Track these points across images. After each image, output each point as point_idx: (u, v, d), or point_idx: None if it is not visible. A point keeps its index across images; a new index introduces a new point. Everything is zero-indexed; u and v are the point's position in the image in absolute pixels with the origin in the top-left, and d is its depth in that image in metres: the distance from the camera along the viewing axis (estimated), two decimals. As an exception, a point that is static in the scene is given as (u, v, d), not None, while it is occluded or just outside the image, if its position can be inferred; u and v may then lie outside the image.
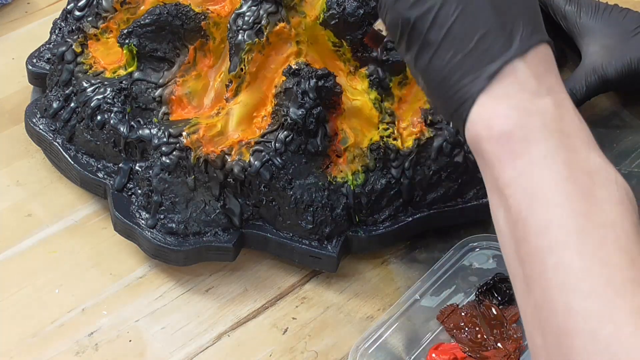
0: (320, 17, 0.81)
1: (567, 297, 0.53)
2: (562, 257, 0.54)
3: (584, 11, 0.91)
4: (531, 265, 0.55)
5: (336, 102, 0.78)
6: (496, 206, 0.58)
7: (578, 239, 0.54)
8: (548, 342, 0.54)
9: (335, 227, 0.77)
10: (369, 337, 0.72)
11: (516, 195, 0.56)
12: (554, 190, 0.55)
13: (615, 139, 0.89)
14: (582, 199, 0.55)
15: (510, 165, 0.57)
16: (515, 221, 0.56)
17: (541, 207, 0.55)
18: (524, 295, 0.56)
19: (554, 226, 0.55)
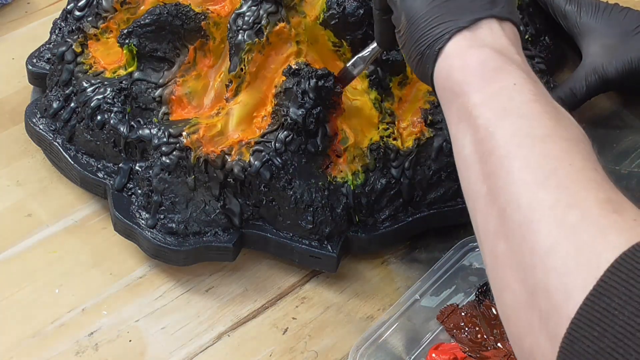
0: (320, 17, 0.81)
1: (534, 192, 0.54)
2: (529, 159, 0.55)
3: (584, 11, 0.91)
4: (496, 174, 0.56)
5: (336, 102, 0.78)
6: (462, 134, 0.60)
7: (545, 144, 0.56)
8: (512, 242, 0.54)
9: (335, 227, 0.77)
10: (369, 337, 0.72)
11: (485, 114, 0.58)
12: (523, 108, 0.58)
13: (615, 139, 0.89)
14: (549, 118, 0.57)
15: (481, 89, 0.59)
16: (482, 138, 0.58)
17: (510, 120, 0.57)
18: (487, 210, 0.57)
19: (522, 134, 0.56)
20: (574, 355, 0.49)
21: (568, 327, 0.49)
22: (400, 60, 0.81)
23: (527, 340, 0.53)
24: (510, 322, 0.55)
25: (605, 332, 0.48)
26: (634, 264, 0.49)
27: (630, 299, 0.48)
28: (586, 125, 0.89)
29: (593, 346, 0.48)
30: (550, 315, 0.51)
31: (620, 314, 0.48)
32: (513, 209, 0.54)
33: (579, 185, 0.53)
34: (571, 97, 0.88)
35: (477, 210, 0.58)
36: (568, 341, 0.49)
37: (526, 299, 0.52)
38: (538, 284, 0.51)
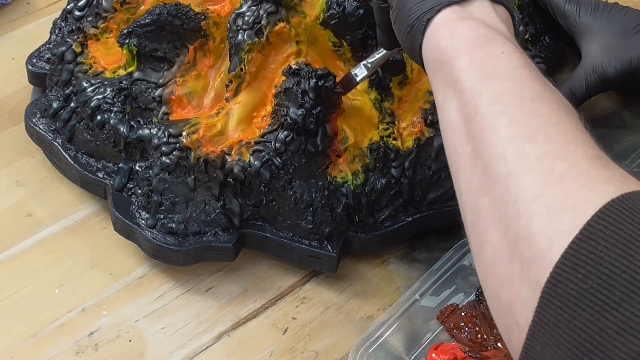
0: (320, 17, 0.81)
1: (520, 145, 0.53)
2: (516, 116, 0.55)
3: (584, 10, 0.91)
4: (482, 132, 0.56)
5: (336, 102, 0.78)
6: (448, 100, 0.60)
7: (533, 104, 0.55)
8: (496, 194, 0.53)
9: (335, 227, 0.77)
10: (369, 337, 0.72)
11: (472, 77, 0.58)
12: (511, 73, 0.58)
13: (615, 139, 0.89)
14: (537, 83, 0.57)
15: (469, 54, 0.59)
16: (467, 101, 0.58)
17: (497, 82, 0.57)
18: (471, 169, 0.56)
19: (508, 94, 0.56)
20: (556, 299, 0.48)
21: (552, 271, 0.48)
22: (400, 60, 0.81)
23: (505, 292, 0.52)
24: (489, 276, 0.54)
25: (589, 274, 0.47)
26: (623, 210, 0.48)
27: (617, 242, 0.47)
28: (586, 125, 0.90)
29: (576, 288, 0.47)
30: (532, 262, 0.50)
31: (607, 255, 0.47)
32: (498, 163, 0.54)
33: (568, 141, 0.53)
34: (571, 96, 0.88)
35: (461, 171, 0.58)
36: (551, 285, 0.48)
37: (507, 250, 0.52)
38: (521, 233, 0.51)
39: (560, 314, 0.48)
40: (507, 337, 0.53)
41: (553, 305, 0.48)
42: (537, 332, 0.49)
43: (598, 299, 0.47)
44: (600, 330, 0.47)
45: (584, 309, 0.47)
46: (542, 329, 0.49)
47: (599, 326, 0.47)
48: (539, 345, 0.49)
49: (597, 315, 0.47)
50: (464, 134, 0.57)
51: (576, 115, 0.57)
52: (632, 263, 0.47)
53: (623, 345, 0.46)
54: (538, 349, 0.49)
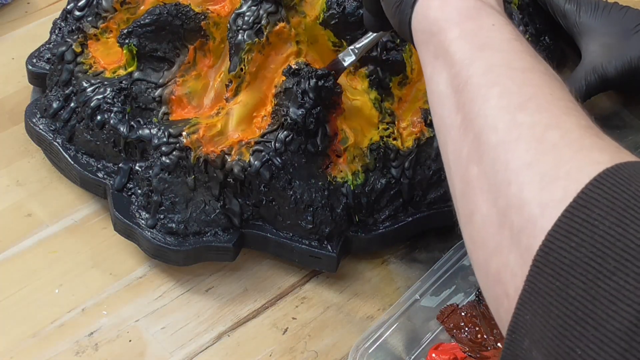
0: (320, 17, 0.81)
1: (511, 114, 0.52)
2: (508, 86, 0.54)
3: (584, 10, 0.91)
4: (473, 101, 0.55)
5: (336, 102, 0.78)
6: (438, 71, 0.59)
7: (523, 75, 0.55)
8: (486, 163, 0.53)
9: (335, 227, 0.77)
10: (369, 337, 0.72)
11: (463, 48, 0.57)
12: (503, 44, 0.57)
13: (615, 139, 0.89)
14: (529, 55, 0.57)
15: (460, 25, 0.59)
16: (458, 71, 0.57)
17: (488, 53, 0.57)
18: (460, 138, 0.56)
19: (499, 64, 0.55)
20: (548, 267, 0.47)
21: (544, 239, 0.47)
22: (400, 61, 0.81)
23: (494, 261, 0.51)
24: (477, 246, 0.53)
25: (583, 242, 0.46)
26: (617, 179, 0.47)
27: (612, 210, 0.46)
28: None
29: (569, 256, 0.47)
30: (523, 230, 0.49)
31: (601, 224, 0.46)
32: (489, 132, 0.53)
33: (560, 110, 0.52)
34: (571, 96, 0.88)
35: (450, 142, 0.57)
36: (542, 253, 0.47)
37: (497, 219, 0.51)
38: (511, 200, 0.50)
39: (552, 282, 0.47)
40: (495, 308, 0.52)
41: (545, 273, 0.47)
42: (527, 300, 0.48)
43: (591, 267, 0.46)
44: (593, 298, 0.46)
45: (576, 277, 0.46)
46: (532, 297, 0.48)
47: (592, 295, 0.46)
48: (528, 315, 0.48)
49: (590, 284, 0.46)
50: (454, 105, 0.57)
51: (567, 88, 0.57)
52: (626, 231, 0.46)
53: (616, 314, 0.45)
54: (528, 318, 0.48)
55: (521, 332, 0.49)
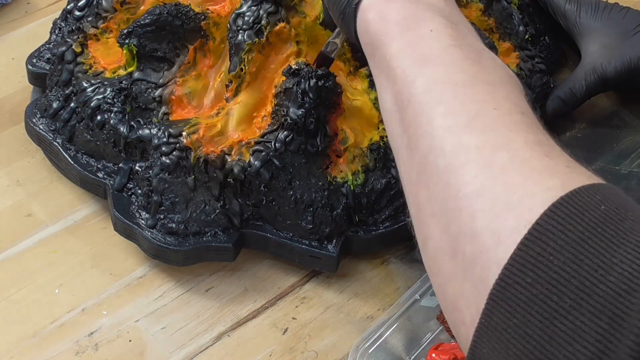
0: (320, 17, 0.81)
1: (457, 136, 0.51)
2: (450, 104, 0.53)
3: (584, 10, 0.91)
4: (416, 122, 0.54)
5: (336, 102, 0.78)
6: (384, 87, 0.58)
7: (467, 89, 0.53)
8: (435, 188, 0.51)
9: (335, 227, 0.77)
10: (369, 337, 0.72)
11: (403, 64, 0.56)
12: (442, 55, 0.56)
13: (615, 139, 0.89)
14: (470, 64, 0.55)
15: (398, 38, 0.58)
16: (400, 89, 0.56)
17: (428, 68, 0.55)
18: (409, 161, 0.54)
19: (441, 81, 0.54)
20: (505, 302, 0.46)
21: (500, 273, 0.47)
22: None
23: (450, 289, 0.50)
24: (433, 272, 0.52)
25: (539, 278, 0.46)
26: (571, 209, 0.47)
27: (566, 244, 0.46)
28: (586, 125, 0.90)
29: (525, 292, 0.46)
30: (476, 260, 0.48)
31: (556, 259, 0.46)
32: (436, 155, 0.52)
33: (506, 128, 0.51)
34: (571, 96, 0.88)
35: (400, 161, 0.56)
36: (499, 287, 0.47)
37: (449, 247, 0.50)
38: (463, 229, 0.49)
39: (510, 318, 0.46)
40: (455, 333, 0.51)
41: (502, 309, 0.47)
42: (484, 334, 0.48)
43: (548, 305, 0.45)
44: (550, 338, 0.45)
45: (533, 315, 0.46)
46: (489, 332, 0.47)
47: (548, 334, 0.45)
48: (485, 348, 0.48)
49: (546, 323, 0.45)
50: (400, 123, 0.56)
51: (516, 88, 0.55)
52: (581, 268, 0.45)
53: (572, 355, 0.45)
54: (485, 351, 0.48)
55: None
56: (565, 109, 0.89)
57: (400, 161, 0.56)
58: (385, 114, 0.58)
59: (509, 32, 0.91)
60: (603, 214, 0.47)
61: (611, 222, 0.46)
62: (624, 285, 0.44)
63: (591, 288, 0.45)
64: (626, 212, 0.47)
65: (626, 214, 0.47)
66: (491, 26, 0.92)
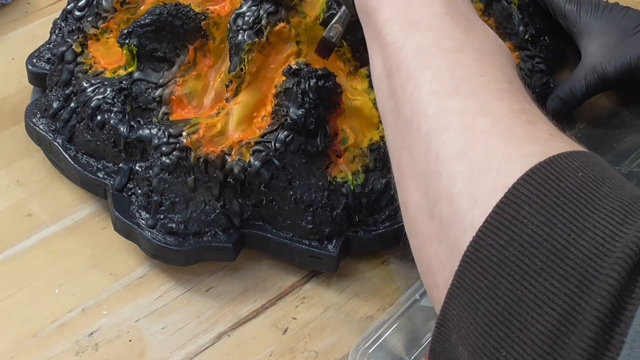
0: (320, 17, 0.81)
1: (441, 100, 0.52)
2: (437, 70, 0.53)
3: (584, 10, 0.91)
4: (403, 87, 0.54)
5: (336, 102, 0.78)
6: (375, 53, 0.58)
7: (455, 56, 0.54)
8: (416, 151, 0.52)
9: (335, 227, 0.77)
10: (369, 337, 0.72)
11: (393, 30, 0.57)
12: (433, 21, 0.56)
13: (615, 139, 0.89)
14: (461, 31, 0.55)
15: (390, 5, 0.58)
16: (390, 54, 0.56)
17: (418, 34, 0.55)
18: (394, 125, 0.55)
19: (430, 45, 0.54)
20: (477, 264, 0.47)
21: (474, 235, 0.47)
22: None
23: (425, 250, 0.51)
24: (411, 233, 0.53)
25: (512, 240, 0.46)
26: (548, 174, 0.47)
27: (541, 208, 0.46)
28: (586, 125, 0.90)
29: (498, 254, 0.46)
30: (451, 223, 0.49)
31: (530, 222, 0.46)
32: (420, 119, 0.52)
33: (491, 94, 0.51)
34: (571, 96, 0.88)
35: (387, 127, 0.57)
36: (472, 249, 0.47)
37: (427, 209, 0.50)
38: (441, 192, 0.49)
39: (481, 280, 0.47)
40: (430, 295, 0.52)
41: (473, 270, 0.47)
42: (455, 295, 0.48)
43: (519, 267, 0.46)
44: (519, 299, 0.45)
45: (504, 277, 0.46)
46: (460, 293, 0.47)
47: (517, 296, 0.45)
48: (456, 310, 0.48)
49: (516, 285, 0.46)
50: (388, 89, 0.56)
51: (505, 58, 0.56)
52: (553, 231, 0.45)
53: (540, 317, 0.45)
54: (455, 313, 0.48)
55: (449, 325, 0.49)
56: (565, 109, 0.89)
57: (387, 126, 0.57)
58: (375, 80, 0.59)
59: (509, 32, 0.91)
60: (580, 180, 0.47)
61: (587, 188, 0.47)
62: (595, 249, 0.45)
63: (562, 251, 0.45)
64: (603, 179, 0.47)
65: (603, 181, 0.47)
66: (491, 26, 0.91)
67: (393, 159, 0.56)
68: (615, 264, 0.44)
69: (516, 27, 0.91)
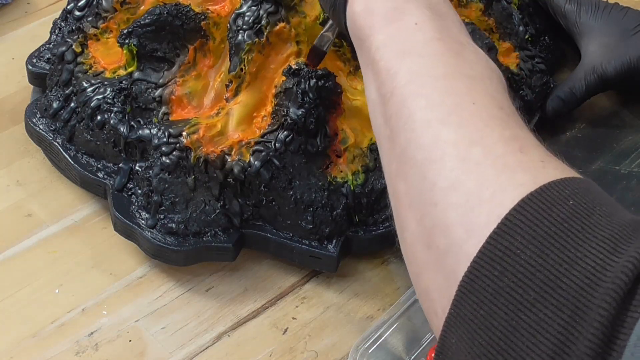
0: (320, 17, 0.81)
1: (435, 130, 0.52)
2: (430, 98, 0.54)
3: (584, 10, 0.91)
4: (397, 115, 0.55)
5: (336, 102, 0.78)
6: (369, 79, 0.59)
7: (447, 82, 0.54)
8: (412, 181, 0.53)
9: (335, 227, 0.77)
10: (369, 337, 0.72)
11: (386, 56, 0.57)
12: (425, 48, 0.57)
13: (615, 139, 0.89)
14: (452, 56, 0.56)
15: (382, 31, 0.58)
16: (383, 81, 0.57)
17: (410, 61, 0.56)
18: (390, 152, 0.56)
19: (423, 74, 0.55)
20: (473, 294, 0.48)
21: (469, 265, 0.48)
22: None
23: (423, 278, 0.52)
24: (409, 261, 0.54)
25: (506, 271, 0.47)
26: (540, 204, 0.48)
27: (533, 239, 0.47)
28: (586, 125, 0.90)
29: (493, 285, 0.47)
30: (447, 253, 0.49)
31: (522, 253, 0.47)
32: (414, 149, 0.53)
33: (482, 123, 0.52)
34: (571, 96, 0.88)
35: (383, 153, 0.57)
36: (468, 280, 0.48)
37: (424, 238, 0.51)
38: (437, 222, 0.50)
39: (477, 310, 0.48)
40: (429, 322, 0.53)
41: (470, 300, 0.48)
42: (453, 324, 0.49)
43: (513, 297, 0.46)
44: (514, 330, 0.46)
45: (499, 307, 0.47)
46: (457, 322, 0.48)
47: (513, 326, 0.46)
48: (454, 338, 0.49)
49: (512, 315, 0.46)
50: (382, 115, 0.57)
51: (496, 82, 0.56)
52: (546, 262, 0.46)
53: (535, 347, 0.46)
54: (453, 341, 0.49)
55: (447, 354, 0.50)
56: (565, 108, 0.89)
57: (383, 152, 0.58)
58: (370, 104, 0.60)
59: (509, 32, 0.91)
60: (571, 209, 0.48)
61: (578, 217, 0.48)
62: (586, 279, 0.45)
63: (555, 282, 0.46)
64: (594, 206, 0.48)
65: (594, 209, 0.48)
66: (491, 26, 0.92)
67: (390, 187, 0.57)
68: (606, 295, 0.45)
69: (516, 27, 0.91)
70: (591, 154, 0.87)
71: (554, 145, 0.87)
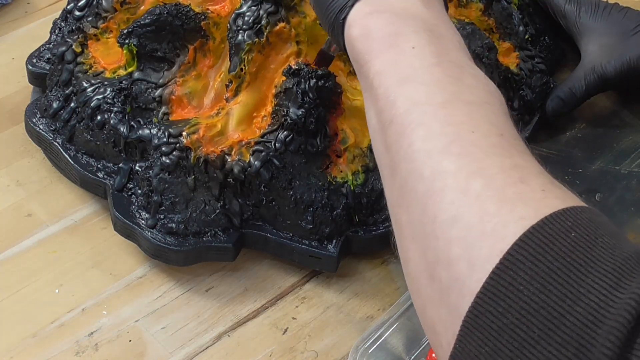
0: (321, 17, 0.81)
1: (435, 161, 0.52)
2: (431, 127, 0.53)
3: (584, 10, 0.91)
4: (397, 144, 0.54)
5: (336, 102, 0.78)
6: (368, 104, 0.58)
7: (446, 110, 0.54)
8: (414, 213, 0.52)
9: (335, 227, 0.77)
10: (369, 337, 0.72)
11: (385, 83, 0.57)
12: (423, 74, 0.56)
13: (615, 139, 0.89)
14: (451, 82, 0.56)
15: (380, 57, 0.58)
16: (382, 108, 0.56)
17: (409, 88, 0.56)
18: (391, 181, 0.55)
19: (422, 102, 0.55)
20: (477, 330, 0.47)
21: (473, 301, 0.48)
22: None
23: (428, 311, 0.51)
24: (414, 293, 0.53)
25: (509, 307, 0.47)
26: (542, 238, 0.47)
27: (536, 275, 0.47)
28: (586, 125, 0.90)
29: (497, 322, 0.47)
30: (451, 288, 0.49)
31: (526, 289, 0.47)
32: (415, 180, 0.53)
33: (483, 153, 0.52)
34: (571, 96, 0.88)
35: (384, 181, 0.57)
36: (472, 315, 0.48)
37: (427, 271, 0.51)
38: (439, 256, 0.50)
39: (482, 346, 0.47)
40: (435, 353, 0.53)
41: (474, 336, 0.48)
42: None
43: (517, 335, 0.46)
44: None
45: (504, 344, 0.47)
46: (463, 358, 0.48)
47: None
48: None
49: (516, 352, 0.46)
50: (383, 143, 0.56)
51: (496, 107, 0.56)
52: (549, 299, 0.46)
53: None
54: None
55: None
56: (565, 109, 0.89)
57: (385, 180, 0.58)
58: (371, 130, 0.59)
59: (509, 32, 0.91)
60: (573, 242, 0.47)
61: (580, 249, 0.47)
62: (590, 316, 0.45)
63: (559, 319, 0.46)
64: (596, 237, 0.48)
65: (596, 240, 0.48)
66: (491, 26, 0.92)
67: (392, 215, 0.56)
68: (609, 334, 0.44)
69: (516, 27, 0.91)
70: (591, 154, 0.87)
71: (554, 145, 0.87)
